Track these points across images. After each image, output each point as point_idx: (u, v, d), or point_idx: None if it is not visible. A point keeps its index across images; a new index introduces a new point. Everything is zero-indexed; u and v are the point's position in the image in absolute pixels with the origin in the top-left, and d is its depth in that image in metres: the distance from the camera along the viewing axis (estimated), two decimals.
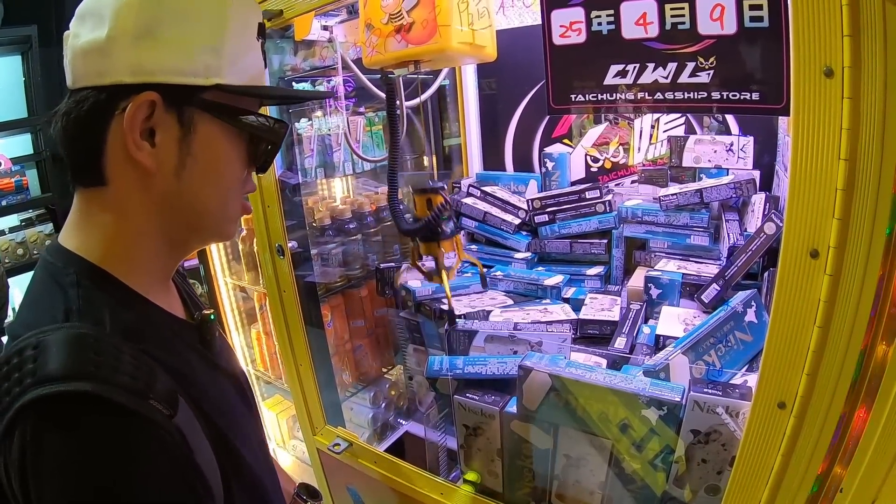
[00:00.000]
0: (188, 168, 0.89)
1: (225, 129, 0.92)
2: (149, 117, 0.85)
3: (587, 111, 1.66)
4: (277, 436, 3.22)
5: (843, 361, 0.87)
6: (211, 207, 0.96)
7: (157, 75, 0.84)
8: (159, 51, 0.84)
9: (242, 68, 0.93)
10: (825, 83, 0.78)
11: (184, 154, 0.89)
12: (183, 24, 0.86)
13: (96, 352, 0.74)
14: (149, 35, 0.83)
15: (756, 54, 1.04)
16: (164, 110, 0.85)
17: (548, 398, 1.31)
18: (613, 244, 2.11)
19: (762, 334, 1.36)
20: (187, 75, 0.86)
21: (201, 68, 0.87)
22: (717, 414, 1.14)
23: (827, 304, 0.85)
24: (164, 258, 0.97)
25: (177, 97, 0.86)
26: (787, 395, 0.94)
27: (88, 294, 0.83)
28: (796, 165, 0.83)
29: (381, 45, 1.60)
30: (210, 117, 0.90)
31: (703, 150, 1.97)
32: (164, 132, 0.86)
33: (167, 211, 0.92)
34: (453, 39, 1.51)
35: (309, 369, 1.97)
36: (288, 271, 1.85)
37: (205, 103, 0.89)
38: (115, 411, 0.71)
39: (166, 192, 0.90)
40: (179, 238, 0.97)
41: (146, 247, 0.92)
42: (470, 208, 2.35)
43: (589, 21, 1.19)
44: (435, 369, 1.54)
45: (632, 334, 1.63)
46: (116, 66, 0.83)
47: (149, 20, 0.84)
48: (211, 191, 0.94)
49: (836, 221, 0.81)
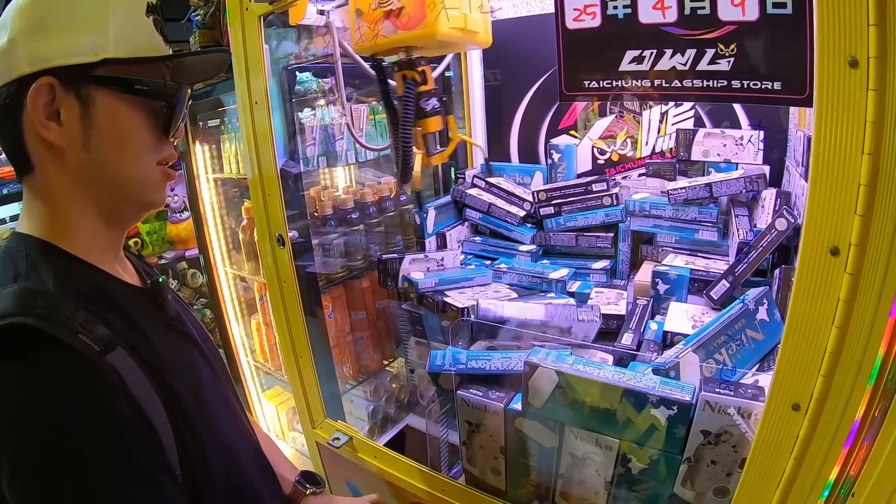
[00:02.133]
0: (94, 140, 0.97)
1: (121, 99, 0.99)
2: (52, 100, 0.93)
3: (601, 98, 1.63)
4: (277, 428, 3.21)
5: (860, 363, 0.84)
6: (126, 175, 1.02)
7: (52, 60, 0.93)
8: (50, 39, 0.93)
9: (130, 42, 0.99)
10: (850, 74, 0.75)
11: (87, 127, 0.96)
12: (68, 13, 0.95)
13: (35, 298, 0.85)
14: (41, 28, 0.93)
15: (778, 42, 1.00)
16: (64, 91, 0.94)
17: (554, 395, 1.28)
18: (620, 238, 2.09)
19: (774, 333, 1.34)
20: (76, 55, 0.94)
21: (88, 46, 0.95)
22: (729, 414, 1.11)
23: (846, 303, 0.82)
24: (103, 232, 1.04)
25: (72, 77, 0.94)
26: (801, 396, 0.91)
27: (35, 264, 0.93)
28: (818, 159, 0.80)
29: (370, 31, 1.56)
30: (105, 90, 0.97)
31: (713, 143, 1.95)
32: (67, 110, 0.94)
33: (88, 184, 0.99)
34: (443, 24, 1.47)
35: (309, 362, 1.94)
36: (288, 262, 1.82)
37: (98, 78, 0.96)
38: (44, 339, 0.81)
39: (81, 166, 0.98)
40: (109, 210, 1.04)
41: (82, 221, 1.00)
42: (474, 199, 2.33)
43: (604, 4, 1.15)
44: (437, 364, 1.51)
45: (639, 330, 1.61)
46: (18, 62, 0.92)
47: (40, 16, 0.94)
48: (121, 159, 1.01)
49: (859, 218, 0.78)
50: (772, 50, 1.03)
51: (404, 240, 2.50)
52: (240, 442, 1.16)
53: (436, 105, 1.67)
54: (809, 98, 0.82)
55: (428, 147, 1.74)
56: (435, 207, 2.31)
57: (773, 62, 1.02)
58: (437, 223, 2.33)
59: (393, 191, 2.48)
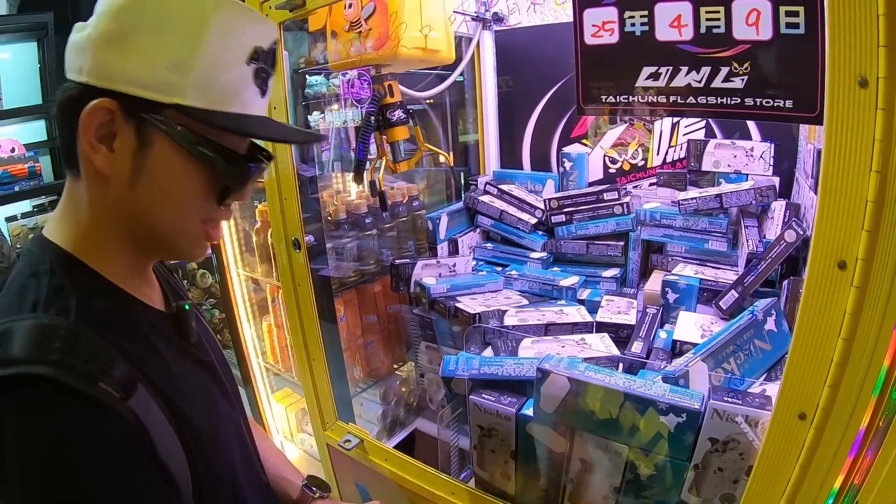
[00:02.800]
0: (142, 181, 0.89)
1: (183, 154, 0.89)
2: (110, 122, 0.85)
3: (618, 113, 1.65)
4: (286, 429, 3.21)
5: (865, 375, 0.86)
6: (164, 226, 0.95)
7: (118, 83, 0.84)
8: (125, 58, 0.84)
9: (214, 91, 0.88)
10: (859, 93, 0.77)
11: (138, 167, 0.88)
12: (155, 35, 0.85)
13: (54, 339, 0.78)
14: (120, 41, 0.84)
15: (791, 61, 1.02)
16: (124, 120, 0.85)
17: (565, 401, 1.30)
18: (630, 247, 2.11)
19: (781, 343, 1.36)
20: (147, 89, 0.85)
21: (162, 83, 0.85)
22: (737, 423, 1.13)
23: (853, 316, 0.84)
24: (134, 255, 0.97)
25: (135, 109, 0.85)
26: (808, 406, 0.93)
27: (58, 282, 0.86)
28: (827, 175, 0.82)
29: (343, 50, 1.72)
30: (166, 137, 0.88)
31: (723, 154, 1.96)
32: (122, 140, 0.86)
33: (125, 215, 0.92)
34: (405, 45, 1.63)
35: (322, 364, 1.96)
36: (304, 265, 1.84)
37: (164, 122, 0.87)
38: (63, 391, 0.75)
39: (121, 199, 0.90)
40: (142, 243, 0.97)
41: (114, 241, 0.93)
42: (486, 206, 2.35)
43: (622, 21, 1.17)
44: (450, 369, 1.53)
45: (648, 339, 1.62)
46: (88, 67, 0.85)
47: (124, 26, 0.84)
48: (163, 210, 0.93)
49: (866, 233, 0.80)
50: (784, 69, 1.04)
51: (416, 245, 2.52)
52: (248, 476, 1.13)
53: (401, 116, 1.82)
54: (820, 116, 0.84)
55: (394, 154, 1.89)
56: (447, 213, 2.33)
57: (785, 81, 1.04)
58: (449, 229, 2.36)
59: (406, 196, 2.50)
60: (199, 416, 0.94)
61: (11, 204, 3.76)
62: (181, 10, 0.86)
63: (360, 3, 1.70)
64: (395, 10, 1.62)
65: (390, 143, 1.83)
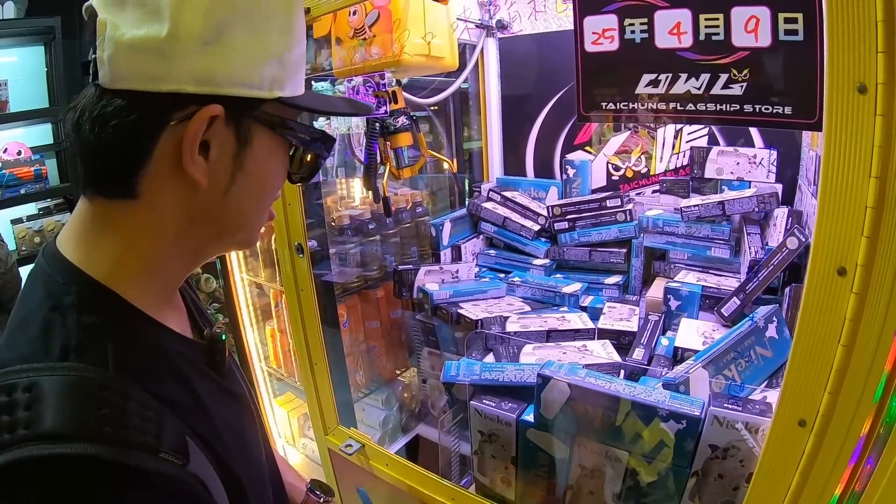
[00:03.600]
0: (237, 183, 0.83)
1: (279, 143, 0.87)
2: (206, 130, 0.77)
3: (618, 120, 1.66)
4: (287, 433, 3.22)
5: (865, 381, 0.85)
6: (250, 220, 0.91)
7: (224, 87, 0.77)
8: (228, 59, 0.76)
9: (297, 76, 0.87)
10: (858, 99, 0.77)
11: (236, 170, 0.82)
12: (254, 30, 0.79)
13: (100, 403, 0.66)
14: (218, 40, 0.75)
15: (790, 68, 1.03)
16: (224, 124, 0.78)
17: (566, 408, 1.30)
18: (633, 254, 2.10)
19: (782, 350, 1.36)
20: (255, 87, 0.80)
21: (267, 80, 0.81)
22: (737, 430, 1.13)
23: (852, 322, 0.84)
24: (179, 272, 0.91)
25: (239, 110, 0.80)
26: (808, 413, 0.92)
27: (90, 322, 0.73)
28: (826, 182, 0.82)
29: (347, 57, 1.74)
30: (267, 131, 0.84)
31: (726, 161, 1.96)
32: (220, 146, 0.79)
33: (201, 224, 0.84)
34: (408, 52, 1.64)
35: (324, 369, 1.97)
36: (307, 270, 1.84)
37: (265, 117, 0.83)
38: (127, 475, 0.65)
39: (208, 209, 0.83)
40: (204, 250, 0.91)
41: (165, 263, 0.85)
42: (490, 213, 2.36)
43: (622, 29, 1.18)
44: (451, 374, 1.53)
45: (650, 345, 1.62)
46: (178, 72, 0.74)
47: (219, 23, 0.75)
48: (255, 204, 0.89)
49: (865, 239, 0.80)
50: (783, 75, 1.05)
51: (419, 251, 2.52)
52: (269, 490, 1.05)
53: (405, 122, 1.81)
54: (819, 122, 0.85)
55: (398, 161, 1.88)
56: (450, 220, 2.34)
57: (785, 87, 1.05)
58: (453, 235, 2.36)
59: (409, 202, 2.51)
60: (240, 464, 0.87)
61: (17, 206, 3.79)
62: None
63: (364, 10, 1.71)
64: (398, 17, 1.63)
65: (394, 149, 1.84)
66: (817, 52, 0.95)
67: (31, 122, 3.80)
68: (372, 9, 1.71)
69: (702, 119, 1.16)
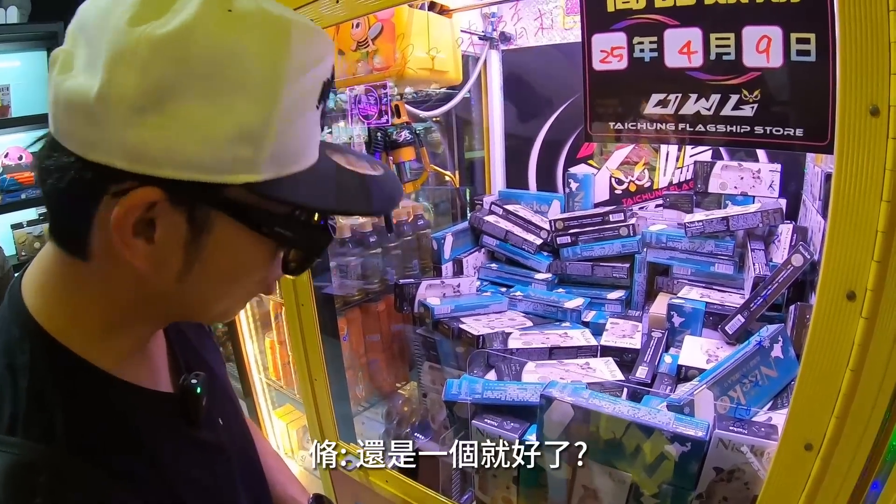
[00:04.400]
0: (194, 273, 0.69)
1: (249, 234, 0.69)
2: (148, 209, 0.62)
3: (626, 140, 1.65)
4: (287, 446, 3.20)
5: (873, 406, 0.84)
6: (215, 306, 0.79)
7: (163, 167, 0.60)
8: (170, 133, 0.59)
9: (288, 154, 0.68)
10: (870, 122, 0.76)
11: (191, 259, 0.67)
12: (211, 97, 0.60)
13: (33, 491, 0.61)
14: (157, 107, 0.59)
15: (801, 89, 1.01)
16: (170, 206, 0.63)
17: (569, 429, 1.29)
18: (636, 269, 2.09)
19: (787, 370, 1.35)
20: (206, 171, 0.62)
21: (229, 162, 0.62)
22: (742, 452, 1.12)
23: (861, 347, 0.83)
24: (145, 333, 0.80)
25: (189, 195, 0.63)
26: (814, 436, 0.91)
27: (40, 389, 0.67)
28: (837, 205, 0.81)
29: (350, 70, 1.73)
30: (231, 220, 0.67)
31: (730, 176, 1.95)
32: (166, 231, 0.64)
33: (157, 303, 0.73)
34: (411, 66, 1.65)
35: (324, 384, 1.95)
36: (307, 284, 1.83)
37: (227, 204, 0.65)
38: None
39: (161, 291, 0.71)
40: (168, 318, 0.83)
41: (125, 326, 0.74)
42: (491, 226, 2.34)
43: (631, 47, 1.16)
44: (453, 393, 1.52)
45: (653, 363, 1.61)
46: (106, 142, 0.60)
47: (160, 85, 0.58)
48: (218, 295, 0.77)
49: (875, 264, 0.79)
50: (794, 97, 1.04)
51: (421, 264, 2.51)
52: None
53: (408, 136, 1.81)
54: (830, 145, 0.83)
55: (400, 175, 1.89)
56: (452, 233, 2.32)
57: (796, 109, 1.04)
58: (454, 249, 2.34)
59: (411, 215, 2.49)
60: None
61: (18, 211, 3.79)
62: (247, 54, 0.61)
63: (367, 23, 1.71)
64: (402, 31, 1.63)
65: (396, 163, 1.83)
66: (830, 74, 0.93)
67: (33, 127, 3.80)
68: (375, 21, 1.71)
69: (711, 141, 1.14)
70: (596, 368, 1.62)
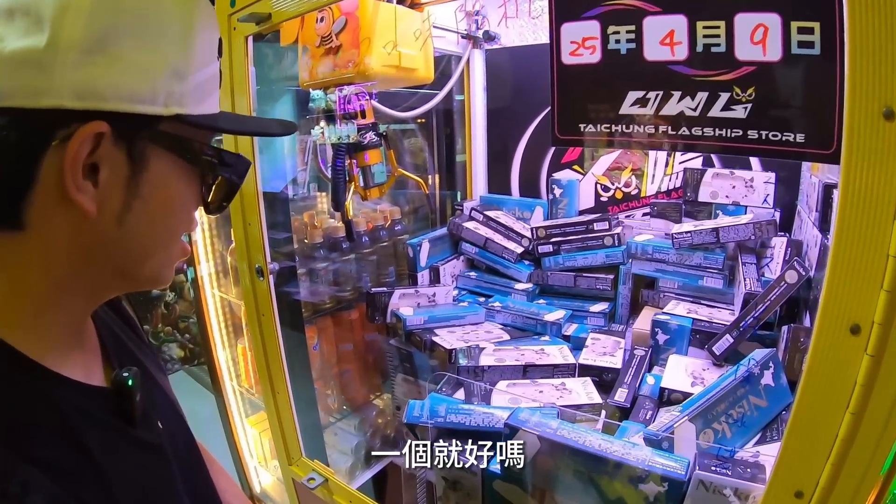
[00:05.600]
0: (134, 211, 0.74)
1: (181, 167, 0.78)
2: (92, 151, 0.68)
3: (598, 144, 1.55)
4: (260, 454, 3.13)
5: (873, 453, 0.76)
6: (153, 254, 0.81)
7: (109, 101, 0.68)
8: (114, 71, 0.68)
9: (204, 94, 0.79)
10: (884, 127, 0.66)
11: (131, 196, 0.73)
12: (144, 39, 0.71)
13: None
14: (102, 49, 0.68)
15: (803, 87, 0.91)
16: (113, 143, 0.70)
17: (535, 461, 1.19)
18: (620, 280, 2.01)
19: (779, 400, 1.25)
20: (145, 103, 0.71)
21: (162, 95, 0.72)
22: (725, 496, 1.02)
23: (864, 388, 0.73)
24: (78, 312, 0.81)
25: (129, 128, 0.71)
26: (806, 484, 0.83)
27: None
28: (843, 223, 0.71)
29: (313, 67, 1.66)
30: (165, 153, 0.76)
31: (721, 185, 1.86)
32: (109, 169, 0.70)
33: (97, 259, 0.76)
34: (375, 63, 1.58)
35: (286, 398, 1.87)
36: (268, 294, 1.74)
37: (162, 136, 0.74)
38: None
39: (103, 241, 0.74)
40: (103, 286, 0.82)
41: (58, 302, 0.76)
42: (471, 233, 2.26)
43: (605, 37, 1.05)
44: (415, 415, 1.42)
45: (634, 385, 1.52)
46: (57, 86, 0.66)
47: (103, 30, 0.68)
48: (156, 236, 0.80)
49: (885, 294, 0.69)
50: (795, 96, 0.93)
51: (397, 271, 2.43)
52: None
53: (373, 138, 1.74)
54: (836, 153, 0.72)
55: (365, 179, 1.81)
56: (429, 240, 2.25)
57: (797, 111, 0.93)
58: (431, 256, 2.27)
59: (388, 220, 2.41)
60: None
61: None
62: (166, 7, 0.74)
63: (331, 17, 1.62)
64: (366, 24, 1.54)
65: (361, 167, 1.74)
66: (837, 70, 0.83)
67: None
68: (339, 15, 1.62)
69: (698, 146, 1.03)
70: (572, 390, 1.52)
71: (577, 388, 1.53)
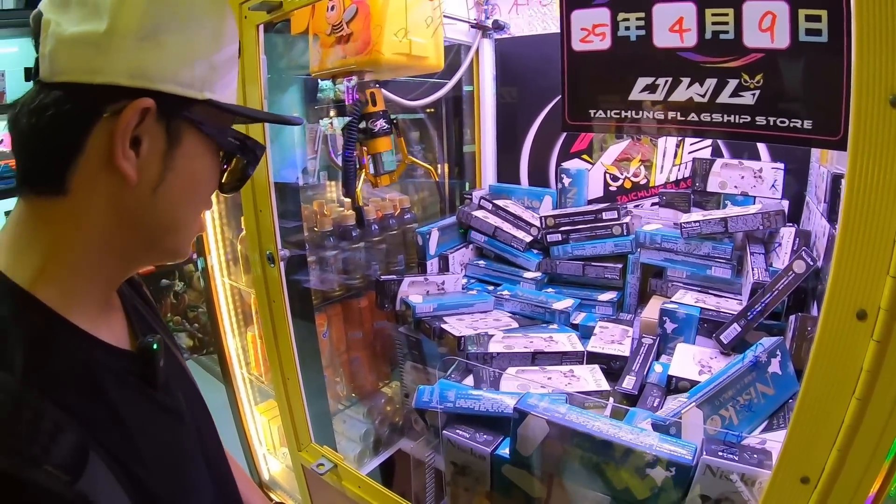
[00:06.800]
0: (166, 183, 0.84)
1: (209, 147, 0.90)
2: (138, 125, 0.79)
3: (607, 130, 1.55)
4: (269, 442, 3.13)
5: (879, 438, 0.76)
6: (178, 225, 0.90)
7: (157, 82, 0.80)
8: (162, 56, 0.80)
9: (228, 84, 0.91)
10: (891, 114, 0.66)
11: (166, 168, 0.84)
12: (186, 31, 0.83)
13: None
14: (153, 37, 0.79)
15: (811, 74, 0.91)
16: (155, 120, 0.81)
17: (544, 445, 1.20)
18: (629, 270, 2.01)
19: (786, 387, 1.25)
20: (185, 86, 0.83)
21: (198, 80, 0.84)
22: (731, 481, 1.02)
23: (870, 374, 0.74)
24: (109, 278, 0.90)
25: (170, 108, 0.82)
26: (812, 469, 0.83)
27: (4, 328, 0.74)
28: (849, 211, 0.71)
29: (324, 55, 1.66)
30: (197, 133, 0.87)
31: (730, 175, 1.86)
32: (151, 143, 0.81)
33: (131, 227, 0.85)
34: (387, 51, 1.58)
35: (296, 384, 1.88)
36: (278, 281, 1.75)
37: (195, 117, 0.85)
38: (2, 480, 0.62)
39: (137, 208, 0.84)
40: (133, 256, 0.90)
41: (93, 266, 0.84)
42: (480, 222, 2.27)
43: (615, 24, 1.05)
44: (424, 400, 1.43)
45: (642, 373, 1.52)
46: (113, 66, 0.78)
47: (154, 21, 0.80)
48: (184, 208, 0.90)
49: (891, 280, 0.69)
50: (803, 83, 0.93)
51: (407, 260, 2.43)
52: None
53: (384, 126, 1.74)
54: (843, 140, 0.73)
55: (375, 167, 1.81)
56: (438, 228, 2.25)
57: (804, 97, 0.93)
58: (441, 244, 2.27)
59: (397, 208, 2.41)
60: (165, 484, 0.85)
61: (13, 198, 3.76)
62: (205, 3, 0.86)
63: (342, 5, 1.62)
64: (377, 12, 1.55)
65: (371, 154, 1.74)
66: (844, 57, 0.82)
67: None
68: (350, 3, 1.62)
69: (707, 132, 1.03)
70: (580, 377, 1.53)
71: (585, 376, 1.53)
